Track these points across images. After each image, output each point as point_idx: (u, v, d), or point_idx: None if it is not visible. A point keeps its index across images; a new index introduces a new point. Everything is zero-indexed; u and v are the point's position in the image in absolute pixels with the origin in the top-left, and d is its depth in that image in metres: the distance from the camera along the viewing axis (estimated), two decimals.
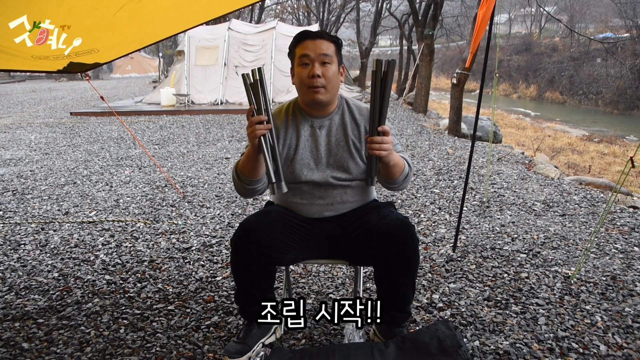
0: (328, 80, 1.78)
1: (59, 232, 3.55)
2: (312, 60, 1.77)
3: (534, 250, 3.06)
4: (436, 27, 11.52)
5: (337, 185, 1.88)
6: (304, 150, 1.86)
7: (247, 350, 1.90)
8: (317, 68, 1.76)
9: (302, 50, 1.79)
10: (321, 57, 1.76)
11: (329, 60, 1.78)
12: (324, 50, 1.76)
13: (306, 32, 1.81)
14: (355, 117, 1.89)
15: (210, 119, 10.28)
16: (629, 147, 11.39)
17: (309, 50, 1.77)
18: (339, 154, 1.87)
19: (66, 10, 2.13)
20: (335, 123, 1.89)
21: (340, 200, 1.91)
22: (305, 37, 1.80)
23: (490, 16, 2.94)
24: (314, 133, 1.88)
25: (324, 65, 1.77)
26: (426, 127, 9.00)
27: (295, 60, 1.83)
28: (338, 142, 1.87)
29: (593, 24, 31.59)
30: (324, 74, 1.77)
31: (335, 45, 1.81)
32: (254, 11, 20.63)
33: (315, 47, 1.76)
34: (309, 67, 1.77)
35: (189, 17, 2.66)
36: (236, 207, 4.11)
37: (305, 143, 1.87)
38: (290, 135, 1.88)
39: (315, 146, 1.87)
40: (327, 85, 1.79)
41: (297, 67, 1.81)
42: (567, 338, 2.08)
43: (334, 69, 1.79)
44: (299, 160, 1.86)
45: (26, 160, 6.22)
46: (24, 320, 2.30)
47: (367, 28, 22.80)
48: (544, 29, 33.82)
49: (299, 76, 1.81)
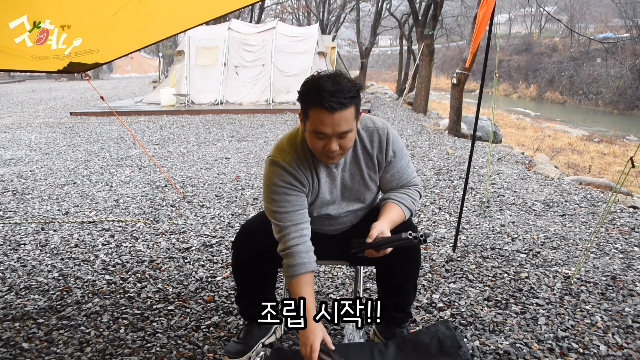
0: (345, 148, 1.60)
1: (59, 232, 3.55)
2: (329, 136, 1.54)
3: (534, 250, 3.06)
4: (436, 27, 11.52)
5: (350, 211, 1.85)
6: (324, 191, 1.77)
7: (247, 350, 1.90)
8: (334, 145, 1.55)
9: (317, 123, 1.52)
10: (340, 134, 1.54)
11: (348, 132, 1.56)
12: (343, 128, 1.52)
13: (322, 97, 1.48)
14: (367, 148, 1.76)
15: (210, 119, 10.28)
16: (629, 147, 11.39)
17: (326, 127, 1.51)
18: (355, 188, 1.80)
19: (66, 10, 2.13)
20: (349, 157, 1.76)
21: (349, 222, 1.90)
22: (321, 106, 1.49)
23: (490, 16, 2.94)
24: (331, 173, 1.76)
25: (342, 138, 1.56)
26: (426, 127, 9.00)
27: (307, 122, 1.57)
28: (353, 176, 1.78)
29: (593, 24, 31.59)
30: (341, 145, 1.57)
31: (355, 104, 1.55)
32: (254, 11, 20.62)
33: (333, 124, 1.51)
34: (325, 141, 1.56)
35: (189, 17, 2.66)
36: (236, 207, 4.11)
37: (324, 186, 1.76)
38: (315, 182, 1.75)
39: (334, 185, 1.79)
40: (344, 152, 1.63)
41: (310, 133, 1.58)
42: (567, 338, 2.08)
43: (351, 135, 1.59)
44: (320, 200, 1.79)
45: (26, 160, 6.22)
46: (24, 320, 2.30)
47: (367, 28, 22.81)
48: (544, 29, 33.81)
49: (312, 142, 1.60)
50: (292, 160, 1.68)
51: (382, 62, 42.70)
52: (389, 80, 30.15)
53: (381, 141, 1.74)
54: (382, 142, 1.74)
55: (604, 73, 22.48)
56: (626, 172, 2.51)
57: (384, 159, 1.76)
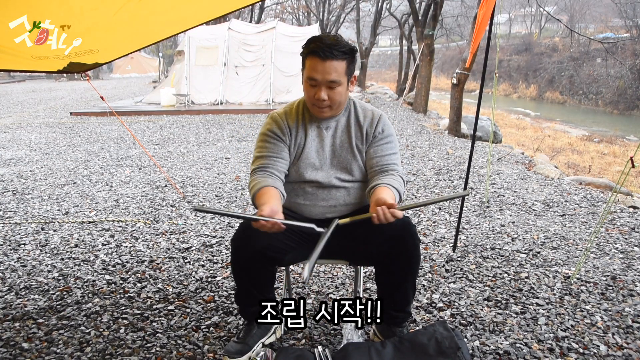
0: (334, 101, 1.77)
1: (59, 232, 3.55)
2: (319, 83, 1.73)
3: (534, 250, 3.06)
4: (436, 27, 11.52)
5: (340, 187, 1.89)
6: (310, 150, 1.88)
7: (247, 350, 1.90)
8: (323, 93, 1.73)
9: (310, 70, 1.72)
10: (328, 83, 1.72)
11: (337, 84, 1.73)
12: (332, 77, 1.71)
13: (318, 46, 1.69)
14: (359, 120, 1.90)
15: (210, 119, 10.28)
16: (629, 147, 11.39)
17: (317, 73, 1.71)
18: (343, 156, 1.88)
19: (66, 10, 2.13)
20: (341, 125, 1.90)
21: (343, 202, 1.91)
22: (316, 54, 1.70)
23: (490, 16, 2.94)
24: (321, 133, 1.89)
25: (331, 89, 1.74)
26: (426, 127, 9.00)
27: (304, 71, 1.78)
28: (342, 143, 1.89)
29: (593, 24, 31.59)
30: (330, 96, 1.75)
31: (347, 61, 1.74)
32: (254, 11, 20.62)
33: (324, 70, 1.70)
34: (316, 89, 1.75)
35: (189, 17, 2.66)
36: (236, 207, 4.11)
37: (311, 143, 1.88)
38: (300, 134, 1.89)
39: (321, 146, 1.89)
40: (333, 105, 1.79)
41: (305, 81, 1.78)
42: (567, 338, 2.08)
43: (340, 90, 1.76)
44: (304, 159, 1.88)
45: (26, 160, 6.22)
46: (24, 320, 2.30)
47: (367, 28, 22.81)
48: (544, 29, 33.81)
49: (306, 91, 1.79)
50: (283, 113, 1.89)
51: (382, 62, 42.69)
52: (389, 80, 30.15)
53: (373, 117, 1.90)
54: (374, 118, 1.89)
55: (604, 73, 22.47)
56: (626, 172, 2.51)
57: (372, 132, 1.88)
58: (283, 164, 1.86)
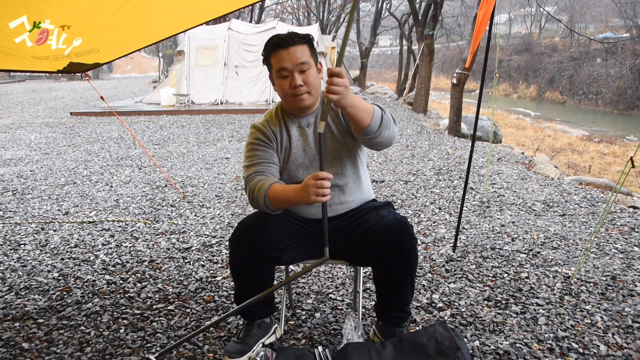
0: (310, 85, 1.78)
1: (59, 232, 3.55)
2: (290, 71, 1.75)
3: (534, 250, 3.06)
4: (436, 27, 11.52)
5: (333, 185, 1.88)
6: (296, 150, 1.89)
7: (247, 350, 1.90)
8: (297, 78, 1.75)
9: (278, 62, 1.76)
10: (299, 67, 1.75)
11: (307, 66, 1.76)
12: (300, 59, 1.74)
13: (278, 41, 1.76)
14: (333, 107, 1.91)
15: (210, 119, 10.28)
16: (629, 147, 11.39)
17: (285, 62, 1.74)
18: (329, 146, 1.89)
19: (66, 10, 2.13)
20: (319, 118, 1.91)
21: (338, 201, 1.92)
22: (278, 47, 1.75)
23: (490, 16, 2.94)
24: (304, 132, 1.90)
25: (303, 72, 1.76)
26: (426, 127, 9.01)
27: (272, 71, 1.81)
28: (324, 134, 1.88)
29: (593, 24, 31.60)
30: (304, 81, 1.77)
31: (309, 45, 1.79)
32: (254, 11, 20.62)
33: (290, 57, 1.74)
34: (289, 79, 1.77)
35: (189, 17, 2.66)
36: (236, 207, 4.11)
37: (297, 143, 1.89)
38: (285, 137, 1.90)
39: (307, 144, 1.90)
40: (311, 90, 1.80)
41: (277, 78, 1.80)
42: (567, 338, 2.08)
43: (312, 72, 1.79)
44: (292, 160, 1.89)
45: (26, 160, 6.23)
46: (24, 320, 2.30)
47: (367, 28, 22.78)
48: (544, 29, 33.81)
49: (281, 87, 1.81)
50: (264, 121, 1.92)
51: (382, 62, 42.70)
52: (389, 80, 30.15)
53: None
54: None
55: (604, 73, 22.47)
56: (626, 172, 2.51)
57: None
58: (275, 169, 1.87)
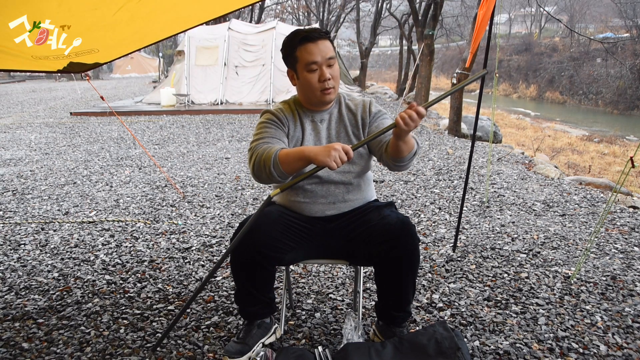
0: (336, 79, 1.82)
1: (59, 232, 3.55)
2: (320, 65, 1.77)
3: (534, 250, 3.06)
4: (436, 27, 11.50)
5: (339, 182, 1.89)
6: (308, 144, 1.88)
7: (247, 350, 1.90)
8: (326, 72, 1.78)
9: (307, 56, 1.76)
10: (327, 61, 1.78)
11: (333, 61, 1.80)
12: (329, 53, 1.78)
13: (306, 35, 1.77)
14: (351, 108, 1.95)
15: (210, 119, 10.28)
16: (629, 147, 11.38)
17: (315, 55, 1.76)
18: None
19: (66, 10, 2.13)
20: (334, 116, 1.94)
21: (342, 199, 1.91)
22: (307, 40, 1.76)
23: (490, 16, 2.94)
24: (316, 127, 1.91)
25: (330, 67, 1.79)
26: (426, 127, 9.01)
27: (298, 65, 1.80)
28: (338, 133, 1.92)
29: (593, 24, 31.59)
30: (332, 75, 1.80)
31: (331, 42, 1.83)
32: (254, 11, 20.62)
33: (320, 50, 1.76)
34: (318, 72, 1.78)
35: (189, 17, 2.66)
36: (236, 207, 4.11)
37: (309, 137, 1.90)
38: (298, 128, 1.90)
39: (318, 139, 1.90)
40: (335, 85, 1.83)
41: (304, 72, 1.80)
42: (567, 338, 2.08)
43: (337, 67, 1.83)
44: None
45: (26, 160, 6.23)
46: (24, 320, 2.30)
47: (367, 28, 22.80)
48: (544, 29, 33.80)
49: (307, 81, 1.80)
50: (279, 109, 1.93)
51: (382, 62, 42.67)
52: (389, 80, 30.12)
53: (364, 104, 1.95)
54: (365, 104, 1.95)
55: (604, 73, 22.46)
56: (626, 172, 2.51)
57: (368, 115, 1.93)
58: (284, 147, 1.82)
